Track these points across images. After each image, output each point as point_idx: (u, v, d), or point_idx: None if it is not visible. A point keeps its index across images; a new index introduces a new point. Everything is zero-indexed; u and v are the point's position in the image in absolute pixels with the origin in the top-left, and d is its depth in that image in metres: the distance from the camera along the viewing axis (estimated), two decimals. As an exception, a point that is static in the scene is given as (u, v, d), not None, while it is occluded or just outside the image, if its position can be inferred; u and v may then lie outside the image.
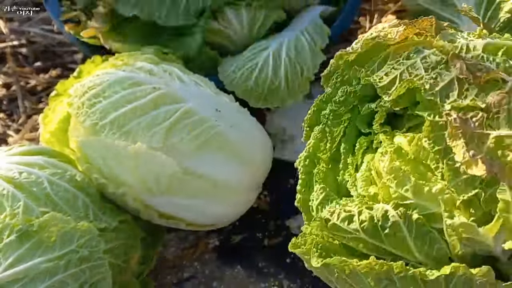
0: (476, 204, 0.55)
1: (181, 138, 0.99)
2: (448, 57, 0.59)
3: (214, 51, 1.29)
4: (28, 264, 0.85)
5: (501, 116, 0.54)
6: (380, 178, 0.62)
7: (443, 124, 0.56)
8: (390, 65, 0.64)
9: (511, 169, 0.51)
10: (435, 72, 0.59)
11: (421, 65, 0.61)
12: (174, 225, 1.07)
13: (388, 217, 0.58)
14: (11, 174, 0.96)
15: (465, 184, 0.55)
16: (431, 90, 0.58)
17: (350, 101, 0.71)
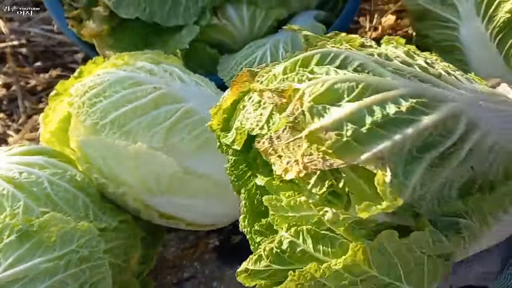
0: (338, 193, 0.58)
1: (181, 138, 0.99)
2: (258, 93, 0.63)
3: (214, 49, 1.30)
4: (28, 264, 0.85)
5: (306, 116, 0.57)
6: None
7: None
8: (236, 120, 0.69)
9: (329, 154, 0.55)
10: (259, 110, 0.64)
11: (251, 109, 0.65)
12: (174, 225, 1.07)
13: (282, 241, 0.61)
14: (11, 174, 0.96)
15: (318, 181, 0.58)
16: (257, 127, 0.63)
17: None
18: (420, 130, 0.57)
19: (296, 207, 0.61)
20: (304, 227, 0.61)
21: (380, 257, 0.57)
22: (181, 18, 1.24)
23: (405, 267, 0.58)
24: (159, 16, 1.23)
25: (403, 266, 0.58)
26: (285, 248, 0.61)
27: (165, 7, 1.23)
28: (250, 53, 1.24)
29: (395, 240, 0.56)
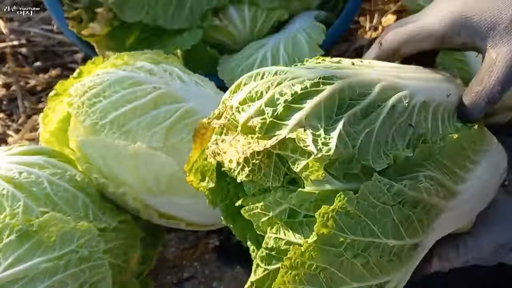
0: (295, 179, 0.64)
1: (181, 137, 0.99)
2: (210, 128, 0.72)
3: (214, 49, 1.29)
4: (28, 264, 0.85)
5: (235, 115, 0.67)
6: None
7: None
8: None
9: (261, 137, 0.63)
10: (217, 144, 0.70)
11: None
12: (174, 225, 1.06)
13: (268, 241, 0.65)
14: (11, 174, 0.96)
15: (275, 176, 0.64)
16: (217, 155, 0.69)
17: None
18: (327, 96, 0.64)
19: (268, 208, 0.65)
20: (282, 222, 0.63)
21: (349, 220, 0.59)
22: (185, 21, 1.24)
23: (376, 223, 0.60)
24: (163, 19, 1.23)
25: (373, 222, 0.60)
26: (271, 246, 0.64)
27: (169, 10, 1.23)
28: (251, 54, 1.24)
29: (352, 199, 0.59)
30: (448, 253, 0.77)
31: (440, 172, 0.66)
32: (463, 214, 0.72)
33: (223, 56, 1.29)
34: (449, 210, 0.68)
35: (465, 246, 0.77)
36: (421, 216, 0.63)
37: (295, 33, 1.25)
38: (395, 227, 0.61)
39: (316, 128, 0.62)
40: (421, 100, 0.68)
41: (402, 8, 1.51)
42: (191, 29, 1.25)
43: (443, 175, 0.66)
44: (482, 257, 0.78)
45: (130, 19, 1.22)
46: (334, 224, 0.58)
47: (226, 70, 1.23)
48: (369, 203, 0.60)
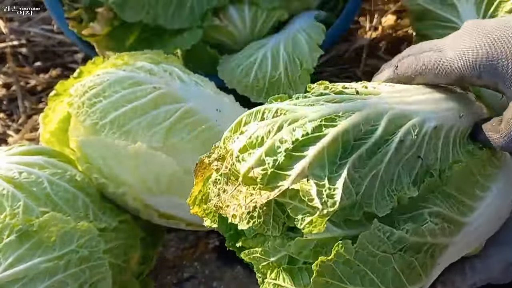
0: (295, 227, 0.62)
1: (181, 138, 0.99)
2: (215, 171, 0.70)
3: (214, 49, 1.29)
4: (28, 264, 0.85)
5: (236, 165, 0.64)
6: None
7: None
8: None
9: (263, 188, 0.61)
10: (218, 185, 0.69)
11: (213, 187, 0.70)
12: (174, 225, 1.06)
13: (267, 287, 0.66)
14: (11, 174, 0.96)
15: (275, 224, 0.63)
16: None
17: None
18: (330, 141, 0.61)
19: (267, 253, 0.65)
20: (281, 267, 0.63)
21: (347, 269, 0.58)
22: (186, 21, 1.24)
23: (375, 272, 0.59)
24: (163, 19, 1.23)
25: (372, 271, 0.59)
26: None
27: (169, 10, 1.23)
28: (251, 54, 1.24)
29: (350, 248, 0.58)
30: (453, 278, 0.74)
31: (447, 205, 0.64)
32: (471, 243, 0.70)
33: (223, 56, 1.29)
34: (455, 244, 0.66)
35: (473, 269, 0.75)
36: (425, 260, 0.62)
37: (295, 33, 1.25)
38: (396, 276, 0.60)
39: (319, 178, 0.59)
40: (432, 126, 0.65)
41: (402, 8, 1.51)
42: (191, 29, 1.25)
43: (450, 208, 0.64)
44: (492, 277, 0.76)
45: (131, 19, 1.22)
46: (333, 273, 0.58)
47: (226, 70, 1.23)
48: (368, 252, 0.58)
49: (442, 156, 0.65)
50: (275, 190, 0.60)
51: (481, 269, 0.75)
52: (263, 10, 1.28)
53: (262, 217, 0.62)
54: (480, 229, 0.69)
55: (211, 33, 1.29)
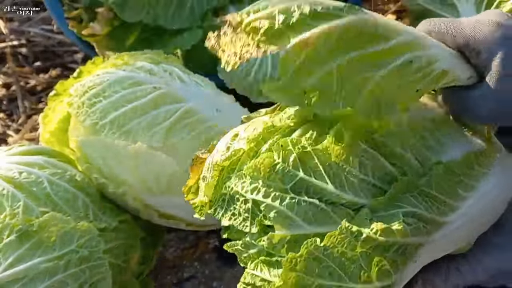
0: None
1: (181, 138, 0.99)
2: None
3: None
4: (28, 264, 0.85)
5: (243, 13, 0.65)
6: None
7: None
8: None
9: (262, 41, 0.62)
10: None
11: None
12: (174, 225, 1.06)
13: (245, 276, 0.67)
14: (11, 174, 0.96)
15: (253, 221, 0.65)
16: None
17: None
18: (343, 25, 0.60)
19: (247, 246, 0.66)
20: (260, 259, 0.65)
21: (316, 265, 0.60)
22: (186, 21, 1.24)
23: (343, 269, 0.60)
24: (163, 19, 1.23)
25: (340, 268, 0.60)
26: (248, 281, 0.66)
27: (169, 10, 1.23)
28: (250, 53, 1.24)
29: (319, 247, 0.59)
30: (433, 279, 0.73)
31: (425, 205, 0.64)
32: (453, 241, 0.69)
33: (223, 56, 1.28)
34: (432, 243, 0.65)
35: (457, 271, 0.73)
36: (395, 258, 0.62)
37: (295, 33, 1.25)
38: (364, 273, 0.61)
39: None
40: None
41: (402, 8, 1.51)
42: (191, 29, 1.25)
43: (429, 208, 0.64)
44: (478, 281, 0.74)
45: (131, 19, 1.22)
46: (302, 268, 0.59)
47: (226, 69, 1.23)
48: (336, 250, 0.59)
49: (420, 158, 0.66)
50: (275, 46, 0.60)
51: (467, 272, 0.73)
52: (263, 9, 1.28)
53: (242, 216, 0.64)
54: (463, 229, 0.68)
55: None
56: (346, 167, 0.63)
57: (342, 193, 0.63)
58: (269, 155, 0.64)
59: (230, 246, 0.68)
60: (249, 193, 0.64)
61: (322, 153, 0.63)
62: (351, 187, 0.63)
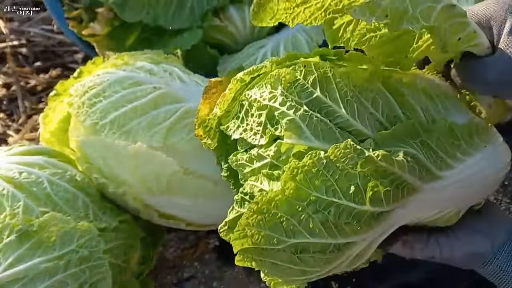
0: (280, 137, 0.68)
1: (181, 137, 0.99)
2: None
3: (214, 49, 1.29)
4: (28, 264, 0.85)
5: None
6: None
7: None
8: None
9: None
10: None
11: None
12: (174, 225, 1.07)
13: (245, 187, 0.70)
14: (11, 174, 0.96)
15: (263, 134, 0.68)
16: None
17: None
18: None
19: (252, 160, 0.68)
20: (261, 172, 0.67)
21: (315, 177, 0.62)
22: (186, 21, 1.24)
23: (340, 184, 0.62)
24: (163, 19, 1.23)
25: (337, 183, 0.62)
26: (246, 191, 0.68)
27: (169, 10, 1.23)
28: (251, 54, 1.24)
29: (321, 159, 0.62)
30: (414, 243, 0.76)
31: (424, 153, 0.66)
32: (444, 201, 0.71)
33: (223, 56, 1.29)
34: (426, 192, 0.67)
35: (436, 242, 0.76)
36: (389, 188, 0.63)
37: (295, 33, 1.25)
38: (358, 192, 0.62)
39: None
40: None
41: (402, 8, 1.51)
42: (191, 29, 1.25)
43: (427, 157, 0.66)
44: (453, 260, 0.77)
45: (131, 19, 1.22)
46: (302, 179, 0.61)
47: (226, 70, 1.23)
48: (337, 165, 0.62)
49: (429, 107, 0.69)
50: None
51: (445, 246, 0.76)
52: (263, 9, 1.28)
53: (254, 130, 0.67)
54: (453, 190, 0.70)
55: (211, 33, 1.29)
56: (360, 98, 0.66)
57: (352, 120, 0.66)
58: (292, 71, 0.67)
59: (234, 161, 0.70)
60: (267, 100, 0.67)
61: (341, 79, 0.66)
62: (361, 117, 0.66)
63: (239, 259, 0.68)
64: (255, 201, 0.62)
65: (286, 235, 0.63)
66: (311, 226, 0.62)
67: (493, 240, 0.75)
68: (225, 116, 0.74)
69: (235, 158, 0.71)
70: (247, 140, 0.68)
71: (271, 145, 0.66)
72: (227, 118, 0.73)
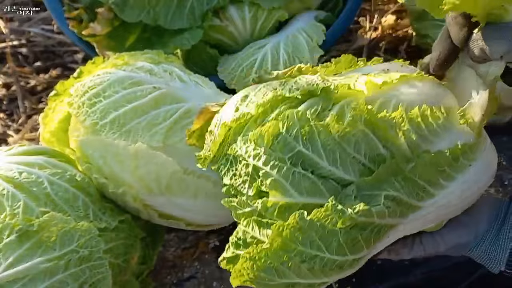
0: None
1: (181, 137, 0.99)
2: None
3: (214, 50, 1.29)
4: (28, 264, 0.85)
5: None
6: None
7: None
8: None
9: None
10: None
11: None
12: (174, 225, 1.07)
13: (238, 231, 0.76)
14: (11, 174, 0.96)
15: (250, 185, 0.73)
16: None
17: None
18: None
19: (242, 204, 0.73)
20: (252, 218, 0.72)
21: (300, 234, 0.67)
22: (186, 21, 1.24)
23: (323, 241, 0.67)
24: (163, 19, 1.23)
25: (320, 240, 0.67)
26: (239, 236, 0.74)
27: (169, 10, 1.23)
28: (251, 54, 1.24)
29: (305, 219, 0.66)
30: (399, 250, 0.80)
31: (406, 189, 0.69)
32: (426, 223, 0.74)
33: (223, 56, 1.29)
34: (406, 224, 0.71)
35: (420, 244, 0.80)
36: (370, 236, 0.69)
37: (295, 33, 1.25)
38: (340, 247, 0.68)
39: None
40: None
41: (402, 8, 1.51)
42: (191, 29, 1.25)
43: (409, 194, 0.69)
44: (439, 251, 0.81)
45: (131, 19, 1.22)
46: (288, 235, 0.67)
47: (226, 70, 1.23)
48: (319, 224, 0.67)
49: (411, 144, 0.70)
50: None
51: (429, 243, 0.80)
52: (263, 10, 1.28)
53: (242, 178, 0.72)
54: (436, 213, 0.73)
55: (211, 33, 1.29)
56: (342, 144, 0.69)
57: (334, 169, 0.69)
58: (275, 124, 0.69)
59: (227, 202, 0.75)
60: (251, 158, 0.70)
61: (323, 129, 0.69)
62: (344, 164, 0.69)
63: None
64: (248, 251, 0.69)
65: (278, 276, 0.69)
66: (299, 271, 0.69)
67: (476, 230, 0.79)
68: (215, 159, 0.78)
69: (228, 200, 0.75)
70: (236, 187, 0.73)
71: (258, 198, 0.71)
72: (218, 162, 0.77)
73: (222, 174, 0.75)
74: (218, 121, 0.78)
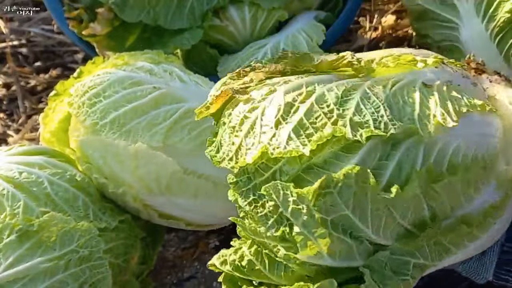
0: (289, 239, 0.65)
1: (181, 137, 0.99)
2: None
3: (214, 50, 1.29)
4: (28, 264, 0.85)
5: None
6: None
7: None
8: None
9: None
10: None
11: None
12: (174, 225, 1.07)
13: (243, 257, 0.72)
14: (11, 174, 0.96)
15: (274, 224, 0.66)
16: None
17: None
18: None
19: (257, 233, 0.68)
20: (264, 251, 0.69)
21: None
22: (186, 21, 1.24)
23: None
24: (163, 19, 1.23)
25: None
26: (244, 265, 0.71)
27: (169, 10, 1.23)
28: (251, 54, 1.24)
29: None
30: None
31: (433, 255, 0.67)
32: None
33: (223, 56, 1.29)
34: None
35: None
36: None
37: (295, 33, 1.25)
38: None
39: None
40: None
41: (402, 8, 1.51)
42: (191, 29, 1.25)
43: (434, 258, 0.68)
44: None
45: (131, 19, 1.22)
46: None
47: (226, 70, 1.23)
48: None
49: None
50: None
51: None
52: (263, 10, 1.28)
53: (266, 209, 0.65)
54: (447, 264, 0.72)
55: (211, 33, 1.29)
56: (392, 211, 0.63)
57: (375, 237, 0.64)
58: (325, 184, 0.60)
59: (234, 219, 0.71)
60: (288, 211, 0.63)
61: (378, 196, 0.61)
62: (386, 230, 0.64)
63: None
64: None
65: None
66: None
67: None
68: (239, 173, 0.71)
69: (238, 219, 0.71)
70: (254, 215, 0.67)
71: (281, 242, 0.66)
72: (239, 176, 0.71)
73: (238, 192, 0.69)
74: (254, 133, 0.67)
